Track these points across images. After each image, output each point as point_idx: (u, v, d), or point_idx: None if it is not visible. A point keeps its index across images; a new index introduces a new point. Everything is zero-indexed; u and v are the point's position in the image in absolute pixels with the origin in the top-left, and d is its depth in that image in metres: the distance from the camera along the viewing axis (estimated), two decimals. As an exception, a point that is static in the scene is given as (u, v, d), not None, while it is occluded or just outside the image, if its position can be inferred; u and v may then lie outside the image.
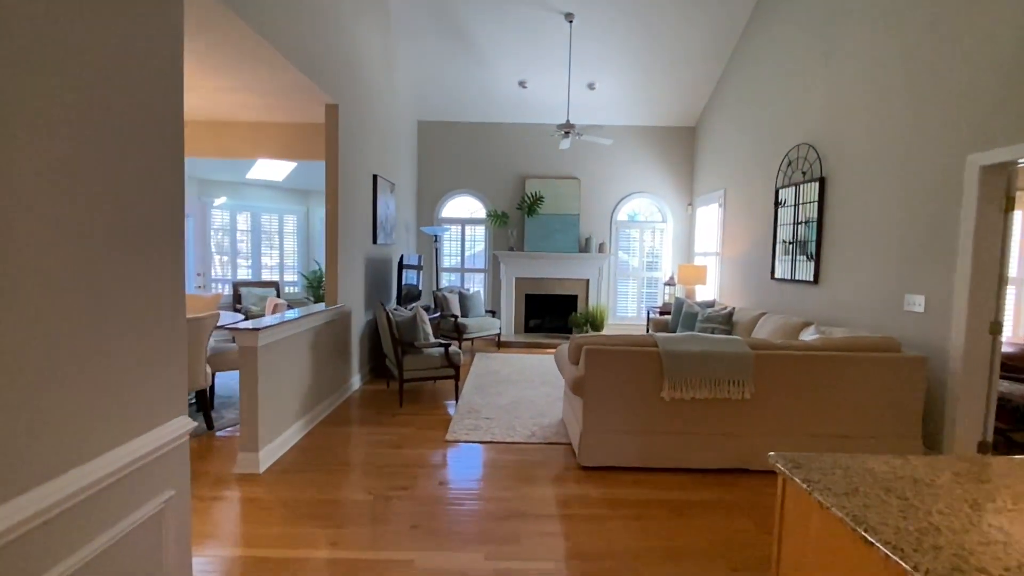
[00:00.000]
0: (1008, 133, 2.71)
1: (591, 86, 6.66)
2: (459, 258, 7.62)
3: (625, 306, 7.63)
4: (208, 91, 3.88)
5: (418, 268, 6.17)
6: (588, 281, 7.37)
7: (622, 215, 7.52)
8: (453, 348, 4.22)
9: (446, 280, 7.68)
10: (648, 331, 6.53)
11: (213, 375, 4.18)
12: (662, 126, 7.33)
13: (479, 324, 6.31)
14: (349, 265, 4.48)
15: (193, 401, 3.94)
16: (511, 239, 7.32)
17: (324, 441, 3.42)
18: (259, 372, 2.92)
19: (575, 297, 7.44)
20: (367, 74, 4.83)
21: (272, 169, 6.91)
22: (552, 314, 7.57)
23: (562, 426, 3.76)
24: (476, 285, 7.65)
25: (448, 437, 3.47)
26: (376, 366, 5.20)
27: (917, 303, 3.28)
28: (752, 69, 5.56)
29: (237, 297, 7.00)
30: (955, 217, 3.03)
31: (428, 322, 4.46)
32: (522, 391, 4.68)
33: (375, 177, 5.07)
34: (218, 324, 3.58)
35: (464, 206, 7.59)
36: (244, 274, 7.56)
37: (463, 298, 6.59)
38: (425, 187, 7.44)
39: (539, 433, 3.60)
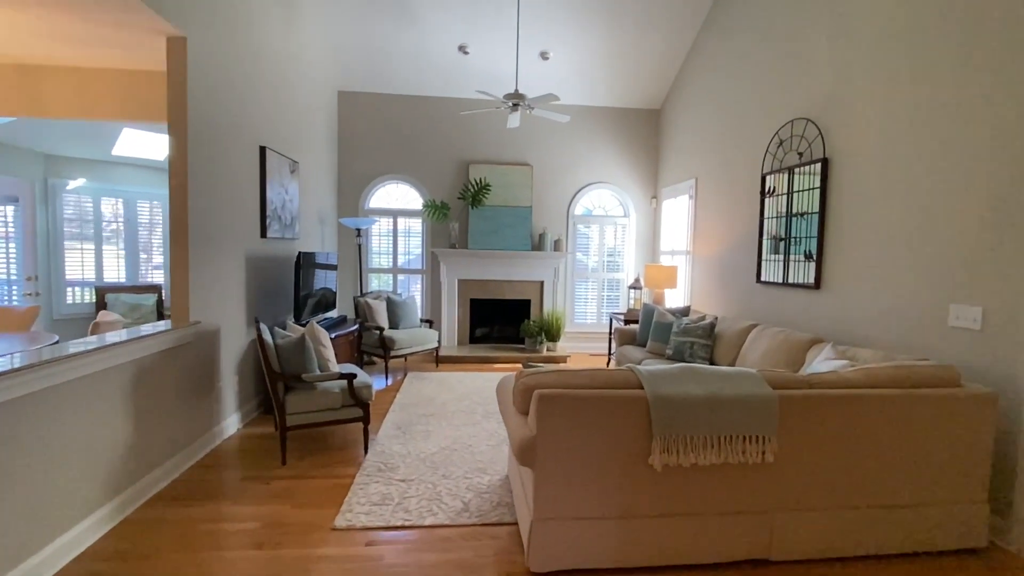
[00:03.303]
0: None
1: (544, 55, 5.68)
2: (391, 257, 6.44)
3: (584, 311, 6.72)
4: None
5: (332, 268, 4.97)
6: (543, 283, 6.39)
7: (580, 208, 6.59)
8: (360, 379, 3.09)
9: (376, 283, 6.48)
10: (612, 343, 5.63)
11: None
12: (624, 107, 6.45)
13: (411, 337, 5.18)
14: (218, 266, 3.25)
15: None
16: (452, 234, 6.22)
17: (142, 540, 2.23)
18: (-16, 453, 1.70)
19: (528, 302, 6.45)
20: (244, 9, 3.60)
21: (146, 144, 5.47)
22: (502, 322, 6.54)
23: (507, 488, 2.74)
24: (414, 289, 6.50)
25: (339, 522, 2.35)
26: (266, 399, 3.97)
27: (971, 317, 2.49)
28: (730, 35, 4.74)
29: (102, 305, 5.52)
30: (1032, 203, 2.24)
31: (329, 344, 3.31)
32: (458, 429, 3.62)
33: (263, 150, 3.85)
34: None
35: (396, 195, 6.42)
36: (116, 276, 6.04)
37: (392, 305, 5.43)
38: (347, 171, 6.20)
39: (474, 505, 2.55)
